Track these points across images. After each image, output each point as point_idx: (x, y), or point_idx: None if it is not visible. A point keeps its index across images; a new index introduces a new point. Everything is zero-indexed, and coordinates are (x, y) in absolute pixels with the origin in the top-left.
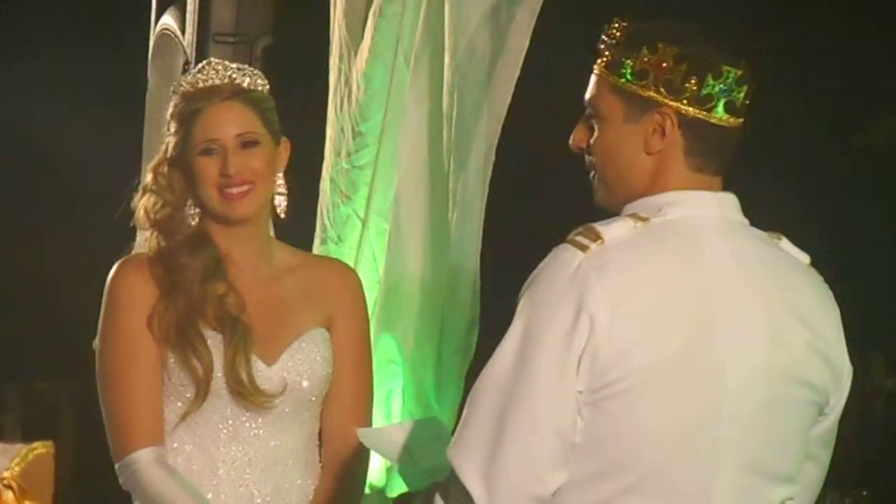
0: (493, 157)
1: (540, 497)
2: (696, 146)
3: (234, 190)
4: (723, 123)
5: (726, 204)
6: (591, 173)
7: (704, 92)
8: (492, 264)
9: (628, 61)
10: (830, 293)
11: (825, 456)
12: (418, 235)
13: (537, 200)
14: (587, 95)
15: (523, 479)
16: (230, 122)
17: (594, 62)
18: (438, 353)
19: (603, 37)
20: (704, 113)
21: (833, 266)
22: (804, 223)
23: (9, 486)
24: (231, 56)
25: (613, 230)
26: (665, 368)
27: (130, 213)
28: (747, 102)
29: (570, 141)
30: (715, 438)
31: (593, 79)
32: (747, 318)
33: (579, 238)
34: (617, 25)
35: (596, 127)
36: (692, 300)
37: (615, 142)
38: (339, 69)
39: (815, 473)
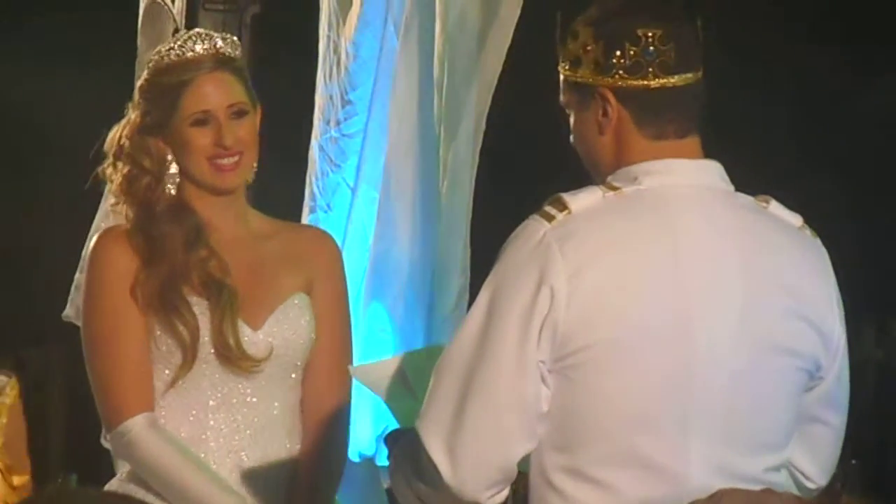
0: (483, 127)
1: (503, 467)
2: (643, 116)
3: (226, 161)
4: (666, 85)
5: (706, 171)
6: None
7: (630, 61)
8: (482, 232)
9: (563, 54)
10: (823, 253)
11: (834, 417)
12: (408, 204)
13: (527, 169)
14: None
15: (486, 451)
16: (221, 93)
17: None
18: (428, 322)
19: None
20: (641, 81)
21: (822, 235)
22: (794, 190)
23: None
24: (221, 24)
25: (581, 200)
26: (629, 340)
27: (99, 180)
28: (692, 55)
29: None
30: (685, 410)
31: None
32: (719, 287)
33: (548, 208)
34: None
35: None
36: (659, 270)
37: (579, 131)
38: (328, 37)
39: (825, 435)
